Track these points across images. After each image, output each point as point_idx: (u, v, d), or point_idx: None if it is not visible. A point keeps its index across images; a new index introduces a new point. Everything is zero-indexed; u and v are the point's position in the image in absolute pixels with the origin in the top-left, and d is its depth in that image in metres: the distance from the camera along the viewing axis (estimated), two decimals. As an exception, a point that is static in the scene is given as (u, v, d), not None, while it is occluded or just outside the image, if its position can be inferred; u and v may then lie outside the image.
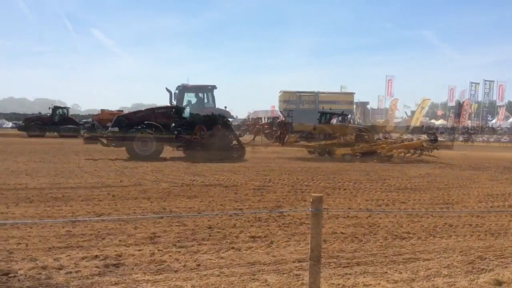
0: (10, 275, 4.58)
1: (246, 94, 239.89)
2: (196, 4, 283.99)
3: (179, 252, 5.57)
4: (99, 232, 6.36)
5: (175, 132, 18.61)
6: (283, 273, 4.90)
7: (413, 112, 48.11)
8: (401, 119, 52.20)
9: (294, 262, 5.33)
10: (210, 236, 6.34)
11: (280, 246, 6.00)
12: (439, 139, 33.06)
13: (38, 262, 4.99)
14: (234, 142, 19.24)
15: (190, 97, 19.70)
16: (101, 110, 42.77)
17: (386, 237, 6.59)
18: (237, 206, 8.60)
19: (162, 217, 7.33)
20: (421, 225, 7.44)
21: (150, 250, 5.55)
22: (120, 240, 5.97)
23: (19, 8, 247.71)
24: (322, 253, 4.04)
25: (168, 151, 19.33)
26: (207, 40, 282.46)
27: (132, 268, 4.89)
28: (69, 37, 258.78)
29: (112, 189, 10.12)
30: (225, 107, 20.68)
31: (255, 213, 7.80)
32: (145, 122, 18.46)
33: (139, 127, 18.27)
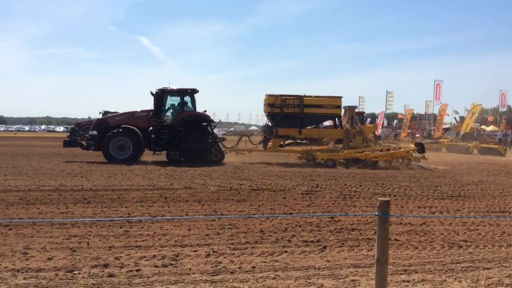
0: (75, 272, 4.79)
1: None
2: (240, 10, 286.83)
3: (233, 254, 5.64)
4: (155, 232, 6.54)
5: (152, 136, 18.34)
6: (338, 278, 4.87)
7: (462, 118, 46.38)
8: (450, 125, 50.64)
9: (348, 267, 5.29)
10: (262, 239, 6.38)
11: (334, 251, 5.96)
12: (491, 146, 31.92)
13: (100, 260, 5.19)
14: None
15: (170, 101, 19.59)
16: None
17: (442, 244, 6.41)
18: (287, 210, 8.61)
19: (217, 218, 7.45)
20: (478, 233, 7.18)
21: (205, 252, 5.65)
22: (175, 241, 6.11)
23: (73, 16, 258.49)
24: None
25: (149, 154, 19.49)
26: (251, 46, 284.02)
27: (190, 268, 5.00)
28: (116, 44, 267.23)
29: (163, 191, 10.38)
30: (205, 111, 20.39)
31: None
32: (122, 126, 18.28)
33: (115, 131, 18.13)
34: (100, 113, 40.73)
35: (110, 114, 39.97)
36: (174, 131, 18.27)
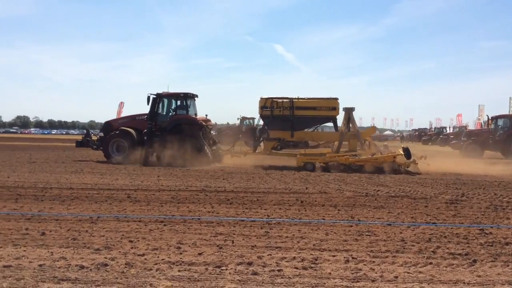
0: (222, 268, 5.12)
1: (427, 100, 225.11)
2: (375, 11, 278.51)
3: (374, 262, 5.51)
4: (293, 235, 6.70)
5: (145, 138, 18.97)
6: (492, 296, 4.47)
7: None
8: None
9: (503, 284, 4.82)
10: (404, 248, 6.13)
11: (485, 265, 5.48)
12: None
13: (244, 258, 5.48)
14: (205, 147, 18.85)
15: (164, 104, 19.94)
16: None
17: None
18: (429, 220, 8.14)
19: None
20: None
21: (344, 257, 5.62)
22: (314, 245, 6.18)
23: (214, 29, 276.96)
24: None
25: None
26: (386, 47, 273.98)
27: (329, 273, 5.01)
28: (253, 53, 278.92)
29: (299, 195, 10.56)
30: (206, 115, 20.59)
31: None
32: (120, 128, 19.45)
33: (113, 133, 19.36)
34: (238, 119, 43.12)
35: (246, 120, 42.11)
36: (165, 133, 18.74)
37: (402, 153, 17.63)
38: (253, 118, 42.68)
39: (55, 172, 14.44)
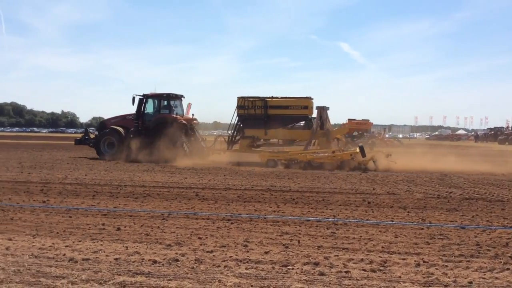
0: (288, 267, 5.14)
1: (503, 98, 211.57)
2: (447, 5, 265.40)
3: (446, 266, 5.29)
4: (361, 236, 6.58)
5: (131, 136, 20.11)
6: None
7: None
8: None
9: None
10: (479, 253, 5.83)
11: None
12: None
13: (310, 258, 5.47)
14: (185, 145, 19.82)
15: (149, 105, 20.97)
16: (348, 119, 44.28)
17: None
18: (507, 223, 7.68)
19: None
20: None
21: (415, 261, 5.44)
22: (382, 247, 6.04)
23: (278, 29, 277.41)
24: None
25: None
26: (458, 43, 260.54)
27: (399, 276, 4.88)
28: (317, 52, 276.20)
29: (366, 196, 10.36)
30: (193, 115, 21.96)
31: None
32: (111, 127, 20.92)
33: (103, 132, 21.11)
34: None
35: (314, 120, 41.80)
36: (149, 132, 20.03)
37: (358, 151, 17.68)
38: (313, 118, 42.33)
39: (128, 171, 15.17)
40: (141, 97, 20.72)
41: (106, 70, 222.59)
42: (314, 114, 20.38)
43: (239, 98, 20.62)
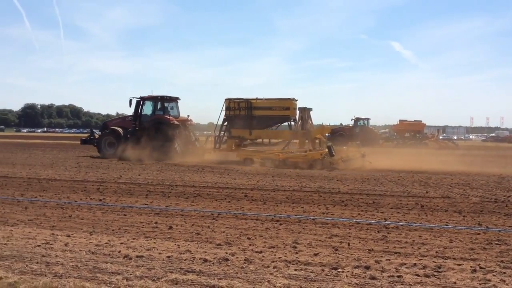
0: (338, 270, 5.08)
1: None
2: (501, 2, 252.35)
3: (504, 273, 5.05)
4: (413, 240, 6.41)
5: (128, 136, 21.34)
6: None
7: None
8: None
9: None
10: (541, 261, 5.54)
11: None
12: None
13: (361, 261, 5.38)
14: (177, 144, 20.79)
15: (146, 106, 21.91)
16: (399, 120, 43.22)
17: None
18: None
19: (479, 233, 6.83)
20: None
21: (471, 266, 5.23)
22: (436, 252, 5.85)
23: (327, 29, 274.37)
24: None
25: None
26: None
27: (455, 282, 4.71)
28: (367, 52, 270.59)
29: (419, 199, 10.07)
30: (188, 115, 22.63)
31: None
32: (111, 127, 22.24)
33: (104, 132, 22.52)
34: (352, 119, 42.31)
35: (361, 121, 41.16)
36: (145, 132, 20.92)
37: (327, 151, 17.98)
38: (367, 119, 41.61)
39: (179, 171, 15.52)
40: (138, 99, 21.95)
41: (158, 73, 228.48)
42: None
43: (226, 100, 21.71)
